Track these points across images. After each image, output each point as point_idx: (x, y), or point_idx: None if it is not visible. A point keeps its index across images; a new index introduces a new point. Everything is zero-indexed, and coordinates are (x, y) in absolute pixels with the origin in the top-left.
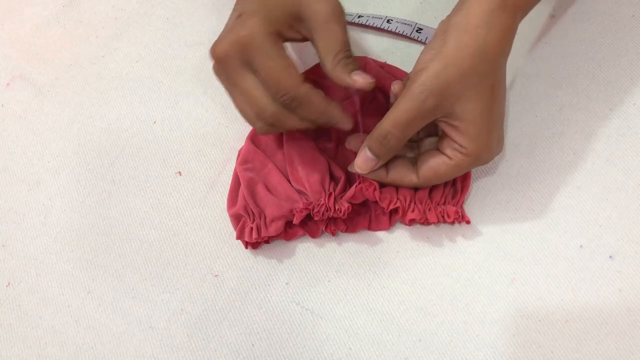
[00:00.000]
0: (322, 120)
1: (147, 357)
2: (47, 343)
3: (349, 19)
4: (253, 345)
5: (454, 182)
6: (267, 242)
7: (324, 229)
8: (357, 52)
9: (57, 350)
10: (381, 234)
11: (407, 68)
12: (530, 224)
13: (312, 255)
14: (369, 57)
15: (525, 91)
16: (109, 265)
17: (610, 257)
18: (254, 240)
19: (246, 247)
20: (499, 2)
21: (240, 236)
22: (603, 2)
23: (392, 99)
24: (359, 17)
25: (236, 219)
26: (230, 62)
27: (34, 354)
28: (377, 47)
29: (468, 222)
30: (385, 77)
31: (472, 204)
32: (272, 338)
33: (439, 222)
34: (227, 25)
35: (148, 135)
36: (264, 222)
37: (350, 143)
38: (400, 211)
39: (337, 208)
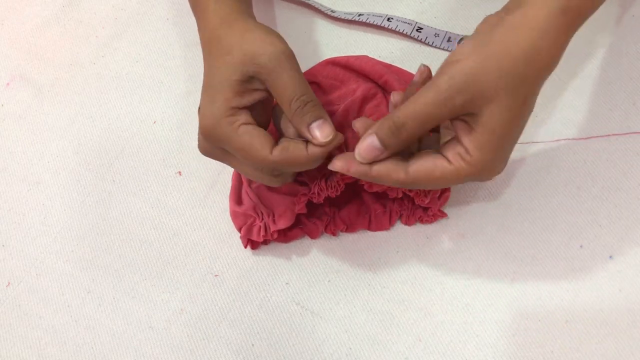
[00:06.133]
0: (314, 165)
1: (147, 357)
2: (47, 343)
3: (349, 17)
4: (253, 345)
5: None
6: (265, 243)
7: (324, 230)
8: (357, 51)
9: (57, 350)
10: (381, 234)
11: (407, 67)
12: (530, 224)
13: (312, 255)
14: (369, 56)
15: None
16: (109, 265)
17: (610, 257)
18: (262, 239)
19: (245, 247)
20: (561, 5)
21: (247, 234)
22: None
23: (390, 109)
24: (359, 15)
25: (244, 217)
26: (210, 152)
27: (34, 354)
28: (377, 46)
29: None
30: (386, 73)
31: (473, 204)
32: (272, 338)
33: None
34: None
35: (148, 135)
36: (272, 219)
37: (356, 124)
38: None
39: (329, 185)
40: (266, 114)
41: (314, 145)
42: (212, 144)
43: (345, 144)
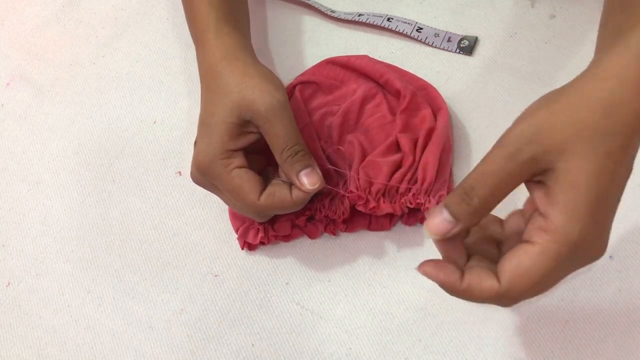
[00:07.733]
0: (298, 208)
1: (147, 357)
2: (47, 343)
3: (349, 17)
4: (253, 345)
5: (414, 171)
6: (263, 244)
7: (323, 230)
8: (357, 51)
9: (57, 350)
10: (381, 234)
11: (407, 67)
12: None
13: (312, 255)
14: (369, 55)
15: (525, 91)
16: (109, 265)
17: (610, 257)
18: (258, 242)
19: (242, 248)
20: (634, 53)
21: (243, 236)
22: (603, 2)
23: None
24: (359, 15)
25: (242, 219)
26: (202, 183)
27: (34, 354)
28: (377, 46)
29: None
30: (387, 72)
31: None
32: (272, 338)
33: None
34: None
35: (148, 135)
36: (270, 225)
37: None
38: (371, 204)
39: (333, 210)
40: (261, 148)
41: (299, 190)
42: (206, 179)
43: (344, 148)
